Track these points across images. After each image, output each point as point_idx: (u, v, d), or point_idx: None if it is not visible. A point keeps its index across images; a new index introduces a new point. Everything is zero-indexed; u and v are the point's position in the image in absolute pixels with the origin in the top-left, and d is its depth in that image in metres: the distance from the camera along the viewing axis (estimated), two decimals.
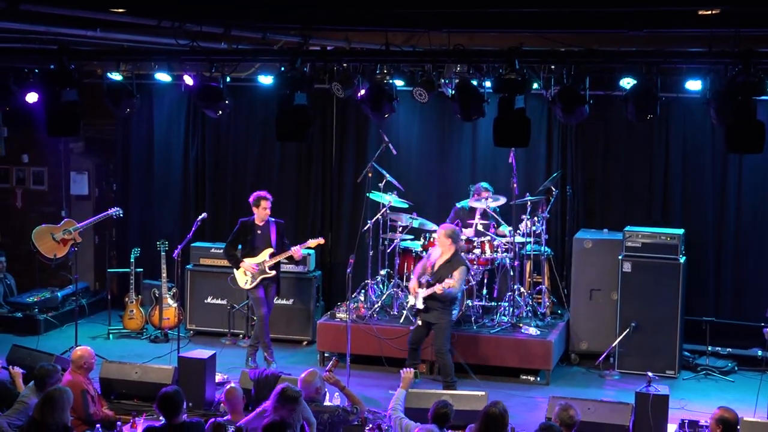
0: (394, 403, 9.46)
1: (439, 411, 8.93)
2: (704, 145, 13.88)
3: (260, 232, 12.91)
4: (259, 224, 12.91)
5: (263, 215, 12.88)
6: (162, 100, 15.72)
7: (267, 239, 12.90)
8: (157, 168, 16.03)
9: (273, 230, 12.94)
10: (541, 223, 13.55)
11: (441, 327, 12.13)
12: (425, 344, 12.41)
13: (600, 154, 14.39)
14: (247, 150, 15.67)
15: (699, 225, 13.94)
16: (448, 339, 12.21)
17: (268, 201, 12.89)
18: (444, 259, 12.14)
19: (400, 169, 14.54)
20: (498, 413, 8.53)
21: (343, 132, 15.26)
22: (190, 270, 14.70)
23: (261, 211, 12.85)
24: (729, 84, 9.74)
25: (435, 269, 12.14)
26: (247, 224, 12.97)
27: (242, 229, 12.99)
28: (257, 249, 12.90)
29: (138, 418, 10.17)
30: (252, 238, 12.91)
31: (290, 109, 10.61)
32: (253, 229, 12.92)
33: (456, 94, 10.61)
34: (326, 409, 9.41)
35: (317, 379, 9.58)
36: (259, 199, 12.88)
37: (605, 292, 13.41)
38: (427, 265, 12.27)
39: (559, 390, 12.19)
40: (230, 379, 12.10)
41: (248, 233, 12.94)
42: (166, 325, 14.37)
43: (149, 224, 16.01)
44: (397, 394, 9.59)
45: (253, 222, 12.93)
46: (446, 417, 8.92)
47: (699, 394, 12.38)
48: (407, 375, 9.84)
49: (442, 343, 12.12)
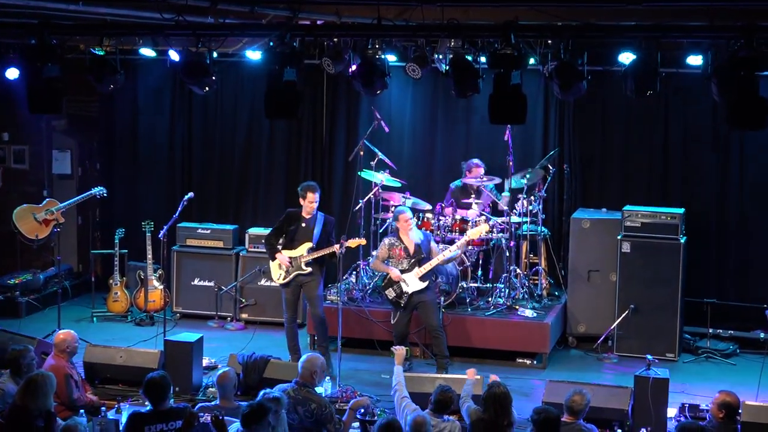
0: (396, 379, 9.58)
1: (442, 396, 8.97)
2: (705, 121, 13.89)
3: (304, 225, 12.29)
4: (306, 217, 12.31)
5: (309, 208, 12.24)
6: (147, 76, 15.67)
7: (309, 233, 12.28)
8: (142, 146, 16.02)
9: (319, 225, 12.32)
10: (537, 203, 13.56)
11: (429, 304, 12.23)
12: (412, 328, 12.51)
13: (598, 132, 14.40)
14: (234, 128, 15.65)
15: (700, 204, 13.96)
16: (439, 314, 12.27)
17: (314, 192, 12.20)
18: (417, 239, 12.27)
19: (392, 148, 14.54)
20: (502, 392, 8.74)
21: (334, 109, 15.24)
22: (177, 251, 14.70)
23: (307, 203, 12.22)
24: (731, 59, 9.73)
25: (412, 251, 12.25)
26: (292, 215, 12.42)
27: (286, 218, 12.44)
28: (297, 242, 12.29)
29: (123, 403, 10.16)
30: (294, 229, 12.33)
31: (279, 85, 10.59)
32: (298, 220, 12.34)
33: (450, 69, 10.59)
34: (315, 399, 9.39)
35: (316, 366, 9.55)
36: (305, 189, 12.28)
37: (603, 274, 13.43)
38: (400, 253, 12.28)
39: (556, 374, 12.21)
40: (218, 363, 12.13)
41: (291, 224, 12.36)
42: (152, 308, 14.37)
43: (134, 204, 16.00)
44: (396, 371, 9.67)
45: (299, 213, 12.35)
46: (449, 402, 8.98)
47: (700, 378, 12.41)
48: (400, 351, 9.91)
49: (436, 319, 12.22)
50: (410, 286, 12.17)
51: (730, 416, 9.20)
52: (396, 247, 12.32)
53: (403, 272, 12.18)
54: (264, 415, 8.30)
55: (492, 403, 8.73)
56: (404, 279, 12.16)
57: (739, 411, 9.37)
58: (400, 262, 12.26)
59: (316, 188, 12.30)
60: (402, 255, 12.27)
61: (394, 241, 12.37)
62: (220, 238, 14.69)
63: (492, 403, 8.73)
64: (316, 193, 12.23)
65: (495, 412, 8.73)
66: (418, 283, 12.16)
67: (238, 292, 14.36)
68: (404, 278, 12.16)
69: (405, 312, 12.28)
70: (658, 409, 10.29)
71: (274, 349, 12.48)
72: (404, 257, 12.25)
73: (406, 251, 12.27)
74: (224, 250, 14.63)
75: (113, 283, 14.57)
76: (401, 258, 12.26)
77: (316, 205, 12.25)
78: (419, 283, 12.16)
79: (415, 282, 12.17)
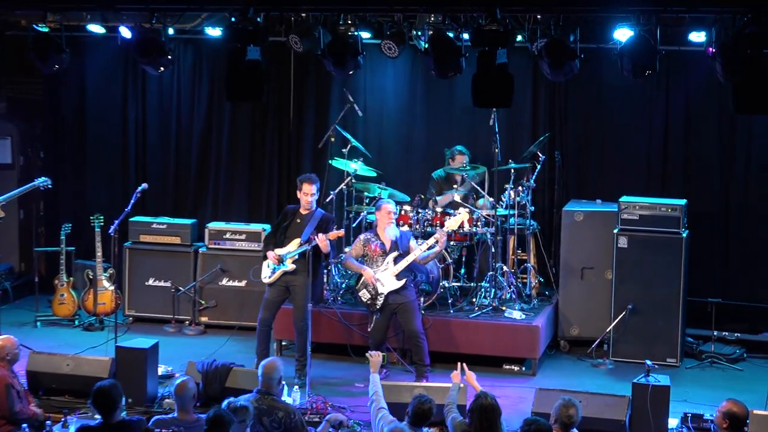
0: (372, 389, 9.59)
1: (420, 408, 8.96)
2: (709, 104, 13.91)
3: (299, 221, 12.28)
4: (302, 213, 12.30)
5: (306, 202, 12.22)
6: (96, 55, 15.58)
7: (301, 230, 12.24)
8: (91, 132, 15.95)
9: (313, 222, 12.25)
10: (526, 194, 13.57)
11: (409, 307, 12.20)
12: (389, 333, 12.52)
13: (592, 116, 14.42)
14: (193, 112, 15.60)
15: (703, 194, 13.99)
16: (419, 316, 12.30)
17: (311, 185, 12.17)
18: (394, 236, 12.27)
19: (367, 133, 14.58)
20: (490, 404, 8.73)
21: (302, 91, 15.22)
22: (129, 248, 14.65)
23: (302, 196, 12.21)
24: (737, 36, 9.78)
25: (388, 246, 12.23)
26: (288, 211, 12.45)
27: (282, 215, 12.51)
28: (288, 239, 12.29)
29: (70, 416, 10.13)
30: (287, 225, 12.34)
31: (242, 65, 10.59)
32: (294, 216, 12.33)
33: (430, 47, 10.63)
34: (282, 407, 9.40)
35: (278, 372, 9.57)
36: (301, 181, 12.27)
37: (598, 271, 13.48)
38: (375, 249, 12.27)
39: (546, 381, 12.25)
40: (175, 371, 12.10)
41: (286, 220, 12.38)
42: (102, 311, 14.32)
43: (82, 196, 15.95)
44: (372, 379, 9.70)
45: (296, 209, 12.36)
46: (428, 414, 8.97)
47: (704, 385, 12.46)
48: (375, 358, 9.91)
49: (416, 323, 12.19)
50: (386, 285, 12.15)
51: (736, 427, 9.20)
52: (372, 242, 12.32)
53: (378, 271, 12.18)
54: (226, 425, 8.29)
55: (479, 415, 8.72)
56: (379, 279, 12.15)
57: (746, 421, 9.40)
58: (375, 260, 12.24)
59: (314, 180, 12.26)
60: (377, 251, 12.26)
61: (370, 237, 12.36)
62: (177, 233, 14.64)
63: (479, 416, 8.72)
64: (313, 184, 12.20)
65: (482, 426, 8.73)
66: (394, 281, 12.14)
67: (197, 293, 14.33)
68: (379, 278, 12.15)
69: (382, 317, 12.24)
70: (659, 420, 10.34)
71: (237, 356, 12.48)
72: (380, 254, 12.24)
73: (382, 248, 12.27)
74: (182, 247, 14.59)
75: (59, 283, 14.51)
76: (376, 255, 12.25)
77: (313, 198, 12.23)
78: (395, 282, 12.14)
79: (390, 281, 12.15)
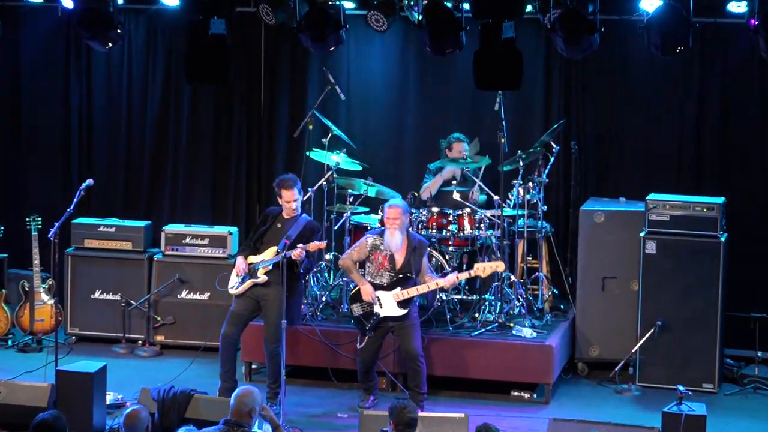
0: None
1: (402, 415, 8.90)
2: (751, 87, 13.95)
3: (280, 226, 12.26)
4: (285, 217, 12.30)
5: (288, 209, 12.20)
6: (33, 28, 15.54)
7: (280, 237, 12.19)
8: (27, 119, 15.91)
9: (297, 230, 12.19)
10: (537, 191, 13.57)
11: (410, 325, 12.13)
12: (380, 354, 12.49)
13: (614, 100, 14.44)
14: (146, 96, 15.56)
15: (744, 192, 14.03)
16: (420, 336, 12.23)
17: (290, 189, 12.17)
18: (405, 245, 12.12)
19: (351, 120, 14.62)
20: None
21: (275, 71, 15.21)
22: (72, 255, 14.65)
23: (284, 203, 12.21)
24: None
25: (399, 263, 12.09)
26: (268, 213, 12.48)
27: (262, 217, 12.55)
28: (264, 246, 12.29)
29: None
30: (265, 230, 12.36)
31: (204, 41, 10.56)
32: (274, 221, 12.33)
33: (424, 19, 10.60)
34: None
35: (254, 402, 9.54)
36: (278, 186, 12.28)
37: (622, 281, 13.49)
38: (383, 262, 12.15)
39: (562, 410, 12.27)
40: (126, 399, 12.07)
41: (265, 223, 12.40)
42: (40, 329, 14.28)
43: (16, 194, 15.91)
44: None
45: (278, 213, 12.37)
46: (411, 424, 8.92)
47: (745, 414, 12.51)
48: None
49: (416, 343, 12.10)
50: (384, 308, 12.02)
51: None
52: (380, 252, 12.18)
53: (379, 288, 12.11)
54: None
55: None
56: (379, 298, 12.06)
57: None
58: (379, 273, 12.14)
59: (292, 183, 12.20)
60: (385, 265, 12.13)
61: (379, 243, 12.19)
62: (129, 237, 14.62)
63: None
64: (291, 189, 12.14)
65: None
66: (395, 308, 12.03)
67: (151, 308, 14.30)
68: (379, 296, 12.06)
69: (376, 335, 12.18)
70: None
71: (199, 381, 12.45)
72: (386, 269, 12.14)
73: (391, 261, 12.14)
74: (134, 254, 14.57)
75: None
76: (382, 268, 12.14)
77: (295, 204, 12.19)
78: (396, 309, 12.04)
79: (391, 306, 12.00)
